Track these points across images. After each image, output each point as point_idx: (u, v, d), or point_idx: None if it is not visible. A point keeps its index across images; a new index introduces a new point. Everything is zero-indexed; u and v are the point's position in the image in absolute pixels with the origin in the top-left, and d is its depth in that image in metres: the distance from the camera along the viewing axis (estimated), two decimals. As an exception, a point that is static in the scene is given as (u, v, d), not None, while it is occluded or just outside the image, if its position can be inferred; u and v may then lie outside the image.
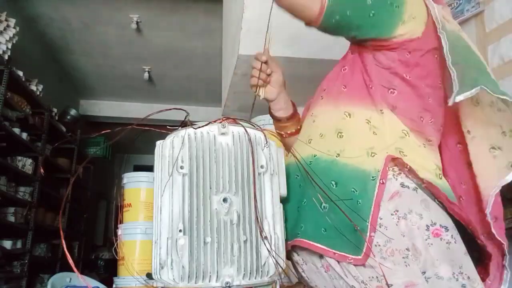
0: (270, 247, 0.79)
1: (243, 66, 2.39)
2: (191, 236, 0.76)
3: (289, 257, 0.97)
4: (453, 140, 1.02)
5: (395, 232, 0.83)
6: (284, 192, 0.89)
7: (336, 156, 0.89)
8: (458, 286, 0.82)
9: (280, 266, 0.80)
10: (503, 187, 0.91)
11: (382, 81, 0.92)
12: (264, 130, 0.90)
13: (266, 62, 1.04)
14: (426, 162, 0.90)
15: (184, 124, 0.86)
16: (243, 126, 0.85)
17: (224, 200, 0.79)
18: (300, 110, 1.26)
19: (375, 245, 0.83)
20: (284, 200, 0.91)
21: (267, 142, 0.86)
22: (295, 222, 0.90)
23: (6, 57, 3.44)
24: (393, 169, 0.87)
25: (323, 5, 0.86)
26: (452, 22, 0.96)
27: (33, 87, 4.01)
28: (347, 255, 0.83)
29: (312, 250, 0.88)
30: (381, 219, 0.83)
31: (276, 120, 1.14)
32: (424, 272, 0.82)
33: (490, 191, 0.91)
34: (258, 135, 0.86)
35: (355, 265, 0.83)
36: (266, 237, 0.80)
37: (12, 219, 3.69)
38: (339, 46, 1.12)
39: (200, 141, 0.82)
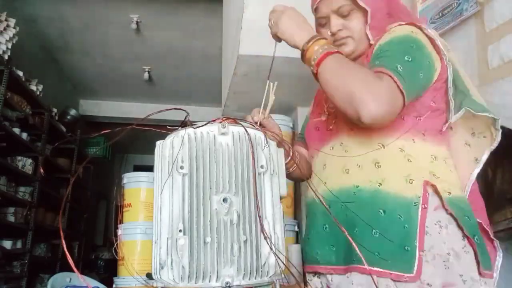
0: (270, 247, 0.79)
1: (243, 66, 2.39)
2: (191, 236, 0.76)
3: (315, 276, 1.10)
4: None
5: (437, 239, 0.94)
6: (284, 192, 0.89)
7: (379, 186, 0.98)
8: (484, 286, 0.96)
9: (283, 264, 0.80)
10: (505, 187, 0.98)
11: (412, 112, 1.02)
12: (264, 130, 0.90)
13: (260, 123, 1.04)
14: (453, 177, 1.02)
15: (184, 124, 0.86)
16: (243, 126, 0.85)
17: (224, 200, 0.79)
18: (301, 110, 1.25)
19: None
20: (333, 229, 1.02)
21: (267, 142, 0.86)
22: (349, 249, 0.96)
23: (6, 57, 3.44)
24: (431, 188, 0.97)
25: (404, 102, 0.93)
26: (443, 43, 1.06)
27: (33, 87, 4.01)
28: (402, 274, 0.91)
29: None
30: (427, 227, 0.94)
31: None
32: (461, 275, 0.93)
33: (466, 181, 1.06)
34: (258, 135, 0.86)
35: (409, 282, 0.91)
36: (267, 237, 0.80)
37: (12, 219, 3.69)
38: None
39: (200, 141, 0.82)
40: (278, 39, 1.06)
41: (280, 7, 1.05)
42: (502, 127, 1.04)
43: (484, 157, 1.07)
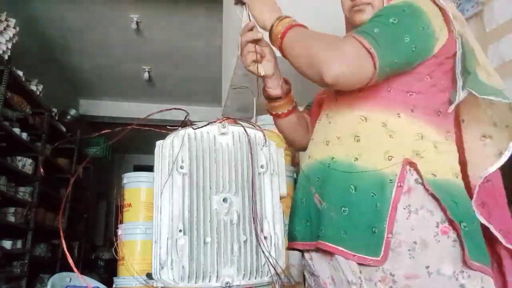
0: (270, 247, 0.79)
1: (243, 66, 2.38)
2: (191, 236, 0.76)
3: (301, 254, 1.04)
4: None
5: (404, 225, 0.86)
6: (284, 192, 0.89)
7: (354, 160, 0.92)
8: (456, 285, 0.85)
9: (280, 267, 0.80)
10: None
11: (402, 85, 0.94)
12: (264, 130, 0.90)
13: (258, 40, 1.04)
14: (443, 161, 0.93)
15: (184, 124, 0.86)
16: (243, 126, 0.85)
17: (224, 200, 0.79)
18: (301, 109, 1.25)
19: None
20: (307, 201, 0.98)
21: (266, 142, 0.86)
22: (317, 224, 0.94)
23: (6, 57, 3.44)
24: (409, 170, 0.90)
25: (376, 65, 0.86)
26: (457, 17, 0.98)
27: (33, 87, 4.01)
28: (366, 257, 0.86)
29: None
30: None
31: (272, 99, 1.13)
32: (427, 267, 0.85)
33: (477, 181, 0.96)
34: (258, 135, 0.86)
35: (373, 266, 0.86)
36: (266, 237, 0.80)
37: (12, 219, 3.69)
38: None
39: (200, 141, 0.82)
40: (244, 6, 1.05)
41: None
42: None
43: (508, 151, 0.94)
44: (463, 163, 1.00)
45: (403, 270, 0.85)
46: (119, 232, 1.48)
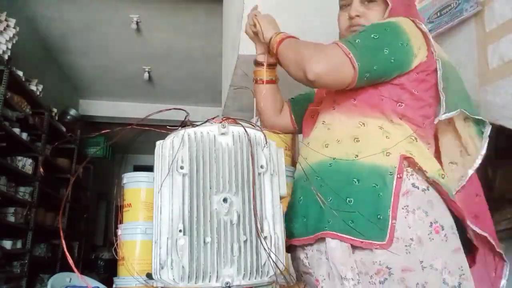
0: (270, 247, 0.79)
1: (243, 66, 2.39)
2: (191, 236, 0.76)
3: (295, 253, 1.09)
4: None
5: (402, 223, 0.94)
6: (284, 192, 0.89)
7: (355, 157, 1.00)
8: (439, 280, 0.93)
9: (282, 264, 0.80)
10: (505, 187, 0.98)
11: (392, 95, 1.05)
12: (264, 130, 0.90)
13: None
14: (431, 163, 1.03)
15: (184, 124, 0.86)
16: (243, 126, 0.85)
17: (224, 200, 0.79)
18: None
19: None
20: (304, 200, 1.04)
21: (267, 142, 0.86)
22: (319, 217, 1.00)
23: (6, 57, 3.44)
24: (406, 169, 0.99)
25: (355, 69, 0.98)
26: (439, 48, 1.11)
27: (33, 87, 4.01)
28: (373, 242, 0.93)
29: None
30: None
31: (256, 64, 1.28)
32: (421, 261, 0.93)
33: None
34: (258, 135, 0.86)
35: (377, 249, 0.93)
36: (266, 237, 0.80)
37: (12, 219, 3.69)
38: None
39: (200, 141, 0.82)
40: (253, 23, 1.23)
41: (263, 14, 1.25)
42: (502, 128, 1.05)
43: (465, 178, 1.10)
44: None
45: (400, 264, 0.92)
46: (119, 232, 1.48)
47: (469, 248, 1.05)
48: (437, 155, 1.15)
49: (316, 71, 0.98)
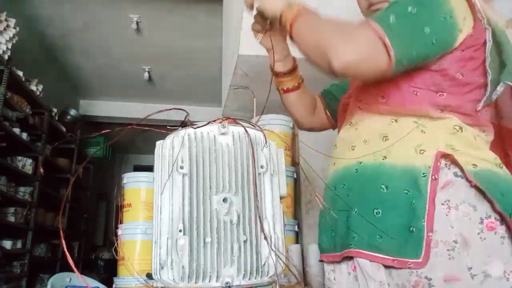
0: (270, 247, 0.79)
1: (243, 66, 2.39)
2: (191, 236, 0.76)
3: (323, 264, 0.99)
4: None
5: (443, 223, 0.79)
6: (284, 192, 0.89)
7: (383, 159, 0.86)
8: (508, 286, 0.77)
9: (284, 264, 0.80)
10: None
11: (429, 85, 0.87)
12: (264, 130, 0.90)
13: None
14: (483, 152, 0.86)
15: (184, 124, 0.86)
16: (243, 126, 0.85)
17: (224, 200, 0.79)
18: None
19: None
20: (332, 212, 0.92)
21: (267, 142, 0.86)
22: (346, 232, 0.88)
23: (6, 57, 3.44)
24: (445, 160, 0.83)
25: (391, 57, 0.80)
26: (490, 9, 0.91)
27: (33, 87, 4.01)
28: (406, 260, 0.79)
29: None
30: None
31: (274, 74, 1.12)
32: (470, 268, 0.77)
33: None
34: (258, 135, 0.86)
35: (413, 268, 0.79)
36: (265, 237, 0.80)
37: (12, 219, 3.69)
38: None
39: (200, 141, 0.82)
40: (251, 7, 1.02)
41: None
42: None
43: None
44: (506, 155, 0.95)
45: (442, 273, 0.77)
46: (119, 232, 1.48)
47: None
48: (499, 140, 0.96)
49: (344, 61, 0.80)
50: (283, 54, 1.10)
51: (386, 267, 0.82)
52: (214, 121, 0.86)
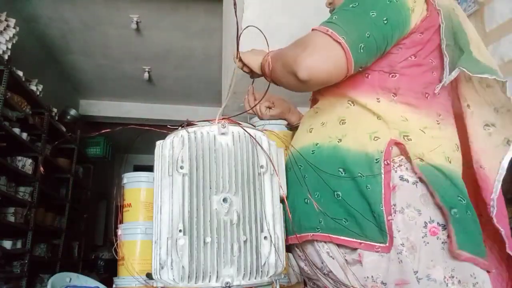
0: (270, 247, 0.79)
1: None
2: (191, 236, 0.76)
3: (289, 250, 0.97)
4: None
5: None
6: (284, 192, 0.89)
7: (338, 142, 0.87)
8: None
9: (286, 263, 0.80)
10: (505, 186, 0.87)
11: (383, 66, 0.89)
12: (264, 130, 0.90)
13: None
14: (432, 146, 0.85)
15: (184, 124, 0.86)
16: (242, 127, 0.85)
17: (224, 200, 0.79)
18: (300, 110, 1.26)
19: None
20: (289, 194, 0.91)
21: (266, 142, 0.86)
22: (308, 216, 0.87)
23: (6, 57, 3.43)
24: (393, 160, 0.84)
25: (342, 44, 0.81)
26: None
27: (33, 87, 4.01)
28: (374, 243, 0.80)
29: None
30: None
31: (293, 128, 1.24)
32: (416, 272, 0.78)
33: (495, 174, 0.86)
34: (258, 135, 0.86)
35: (381, 252, 0.79)
36: (265, 237, 0.80)
37: (12, 219, 3.69)
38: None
39: (200, 141, 0.82)
40: (241, 65, 1.12)
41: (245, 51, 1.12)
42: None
43: None
44: (466, 150, 0.92)
45: (393, 277, 0.79)
46: (119, 232, 1.48)
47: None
48: (458, 124, 0.94)
49: (305, 66, 0.80)
50: (294, 117, 1.25)
51: (348, 263, 0.82)
52: (213, 120, 0.86)
